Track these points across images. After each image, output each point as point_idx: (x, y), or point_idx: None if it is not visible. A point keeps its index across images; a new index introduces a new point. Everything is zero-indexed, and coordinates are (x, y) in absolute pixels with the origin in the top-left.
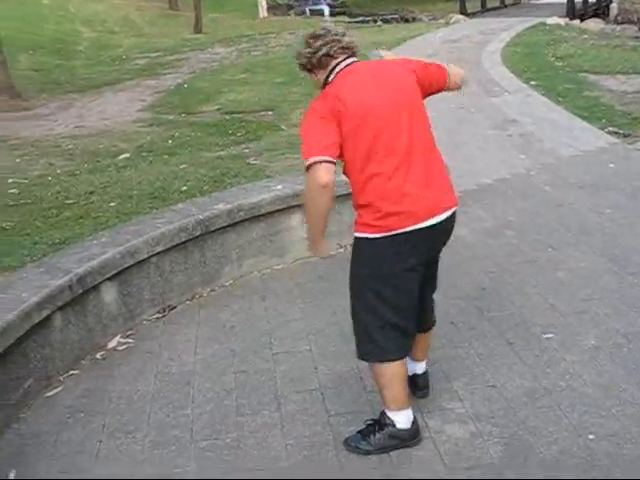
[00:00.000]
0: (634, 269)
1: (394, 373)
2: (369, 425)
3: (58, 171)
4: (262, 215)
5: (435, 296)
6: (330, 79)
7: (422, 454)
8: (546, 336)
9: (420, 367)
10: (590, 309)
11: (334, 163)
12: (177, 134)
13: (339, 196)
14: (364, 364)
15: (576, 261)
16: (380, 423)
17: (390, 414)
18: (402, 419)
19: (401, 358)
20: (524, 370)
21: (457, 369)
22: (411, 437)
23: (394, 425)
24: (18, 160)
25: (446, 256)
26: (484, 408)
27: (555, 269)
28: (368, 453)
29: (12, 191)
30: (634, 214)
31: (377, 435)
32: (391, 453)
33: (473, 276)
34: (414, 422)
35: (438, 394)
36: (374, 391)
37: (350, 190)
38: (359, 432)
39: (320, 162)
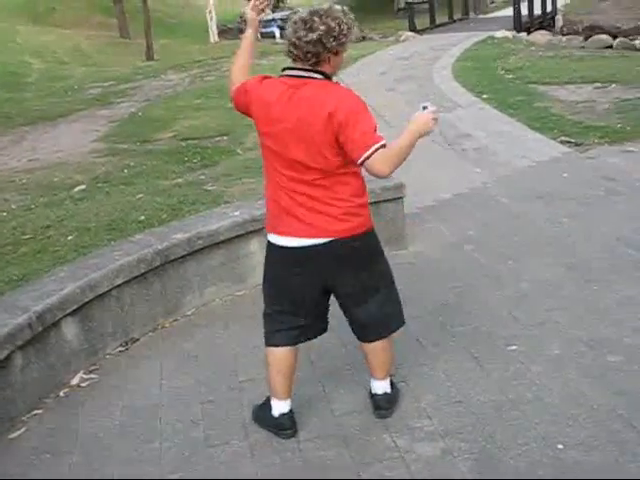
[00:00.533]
0: (593, 276)
1: (269, 360)
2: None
3: (13, 206)
4: (221, 242)
5: None
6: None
7: (393, 474)
8: (510, 348)
9: (378, 386)
10: (552, 319)
11: None
12: (133, 163)
13: (250, 232)
14: (331, 387)
15: (537, 272)
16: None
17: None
18: (274, 406)
19: (275, 346)
20: (490, 384)
21: (424, 386)
22: (276, 426)
23: (270, 409)
24: None
25: (408, 272)
26: (453, 424)
27: (516, 281)
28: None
29: None
30: (589, 222)
31: (263, 411)
32: (363, 476)
33: (435, 292)
34: (284, 415)
35: (406, 412)
36: (343, 414)
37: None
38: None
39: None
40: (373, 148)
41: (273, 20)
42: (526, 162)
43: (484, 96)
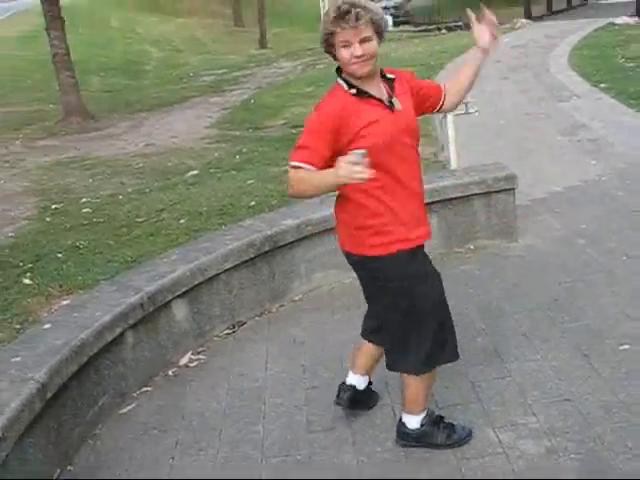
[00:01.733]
0: None
1: None
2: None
3: (129, 190)
4: (329, 229)
5: (506, 307)
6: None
7: (495, 471)
8: (622, 347)
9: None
10: None
11: None
12: (244, 149)
13: None
14: (438, 381)
15: None
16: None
17: None
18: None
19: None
20: (600, 383)
21: (530, 382)
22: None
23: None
24: (91, 180)
25: (518, 266)
26: (559, 423)
27: (631, 278)
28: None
29: (85, 210)
30: None
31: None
32: (463, 470)
33: (546, 286)
34: (348, 387)
35: (511, 408)
36: (447, 406)
37: None
38: None
39: None
40: (290, 165)
41: (385, 8)
42: None
43: (602, 85)
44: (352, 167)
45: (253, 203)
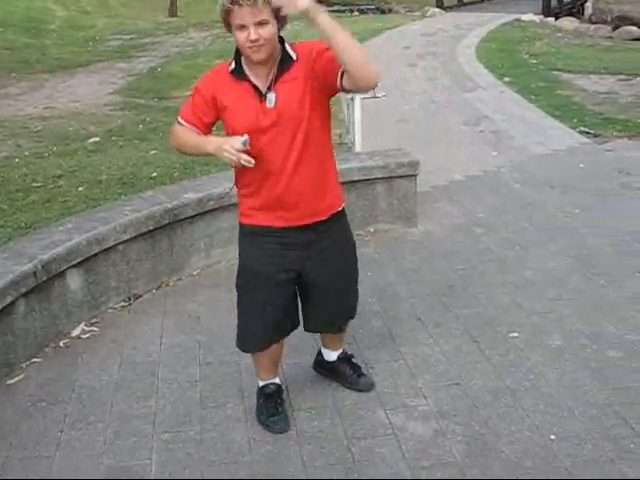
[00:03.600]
0: (601, 270)
1: None
2: None
3: (26, 153)
4: (232, 205)
5: (402, 291)
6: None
7: (384, 451)
8: (512, 335)
9: None
10: (556, 309)
11: None
12: (148, 119)
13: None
14: None
15: (544, 261)
16: None
17: None
18: None
19: None
20: (489, 369)
21: (422, 366)
22: None
23: None
24: None
25: (415, 251)
26: (448, 406)
27: (523, 268)
28: None
29: None
30: (602, 215)
31: None
32: (353, 450)
33: (441, 272)
34: None
35: (403, 390)
36: (340, 386)
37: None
38: None
39: None
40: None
41: None
42: (543, 149)
43: (506, 79)
44: (232, 150)
45: (155, 174)
